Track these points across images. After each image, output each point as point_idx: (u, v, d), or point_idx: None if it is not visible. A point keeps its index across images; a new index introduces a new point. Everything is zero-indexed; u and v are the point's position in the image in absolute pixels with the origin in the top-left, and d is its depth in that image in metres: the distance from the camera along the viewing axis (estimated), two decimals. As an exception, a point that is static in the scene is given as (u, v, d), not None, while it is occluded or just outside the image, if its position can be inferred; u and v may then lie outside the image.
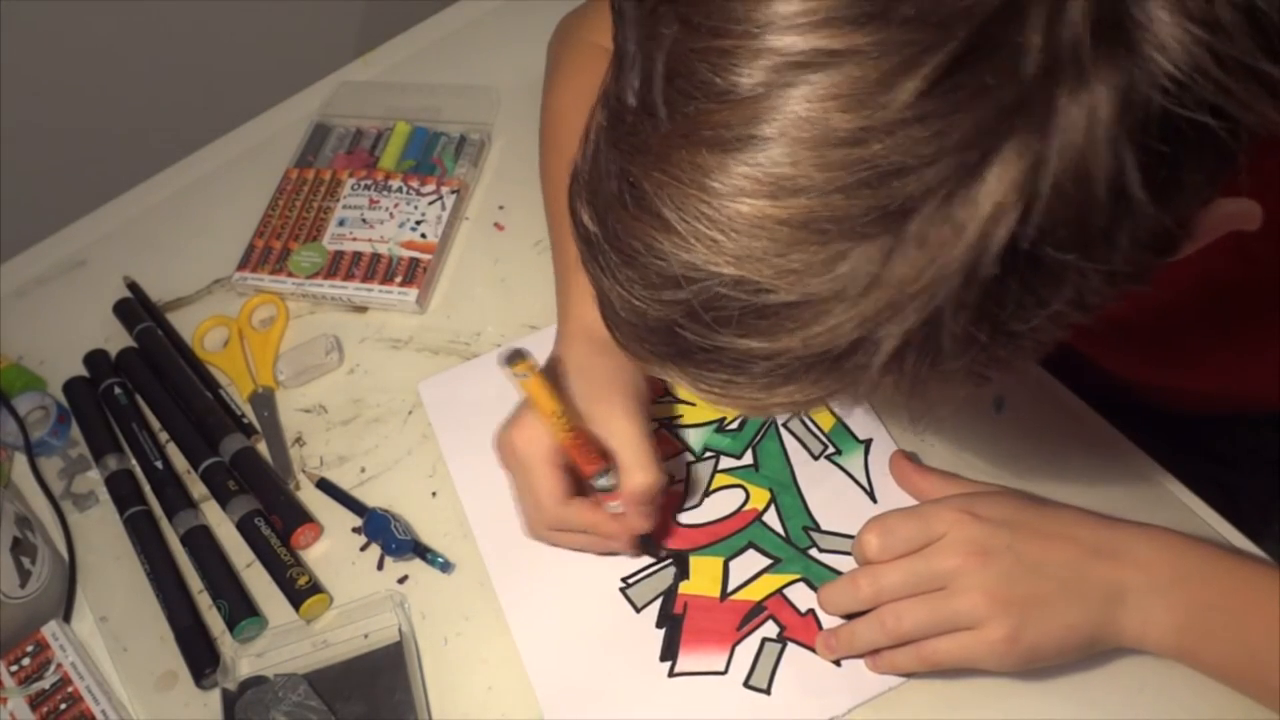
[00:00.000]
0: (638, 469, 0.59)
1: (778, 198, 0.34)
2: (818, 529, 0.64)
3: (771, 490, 0.66)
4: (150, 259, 0.85)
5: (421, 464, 0.71)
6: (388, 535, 0.66)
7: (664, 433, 0.69)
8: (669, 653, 0.61)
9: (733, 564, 0.63)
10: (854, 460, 0.66)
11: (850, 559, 0.62)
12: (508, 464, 0.62)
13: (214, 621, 0.66)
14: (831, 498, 0.65)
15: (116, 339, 0.80)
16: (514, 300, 0.77)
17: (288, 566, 0.66)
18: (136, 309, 0.81)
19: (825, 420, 0.68)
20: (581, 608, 0.63)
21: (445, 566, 0.66)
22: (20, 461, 0.76)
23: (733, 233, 0.35)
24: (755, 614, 0.62)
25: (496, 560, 0.65)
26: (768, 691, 0.59)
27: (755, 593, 0.62)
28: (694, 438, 0.68)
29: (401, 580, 0.66)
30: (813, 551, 0.63)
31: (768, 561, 0.63)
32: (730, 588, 0.63)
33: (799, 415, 0.66)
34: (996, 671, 0.55)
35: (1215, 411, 0.76)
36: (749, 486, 0.66)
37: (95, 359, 0.79)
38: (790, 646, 0.60)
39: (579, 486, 0.61)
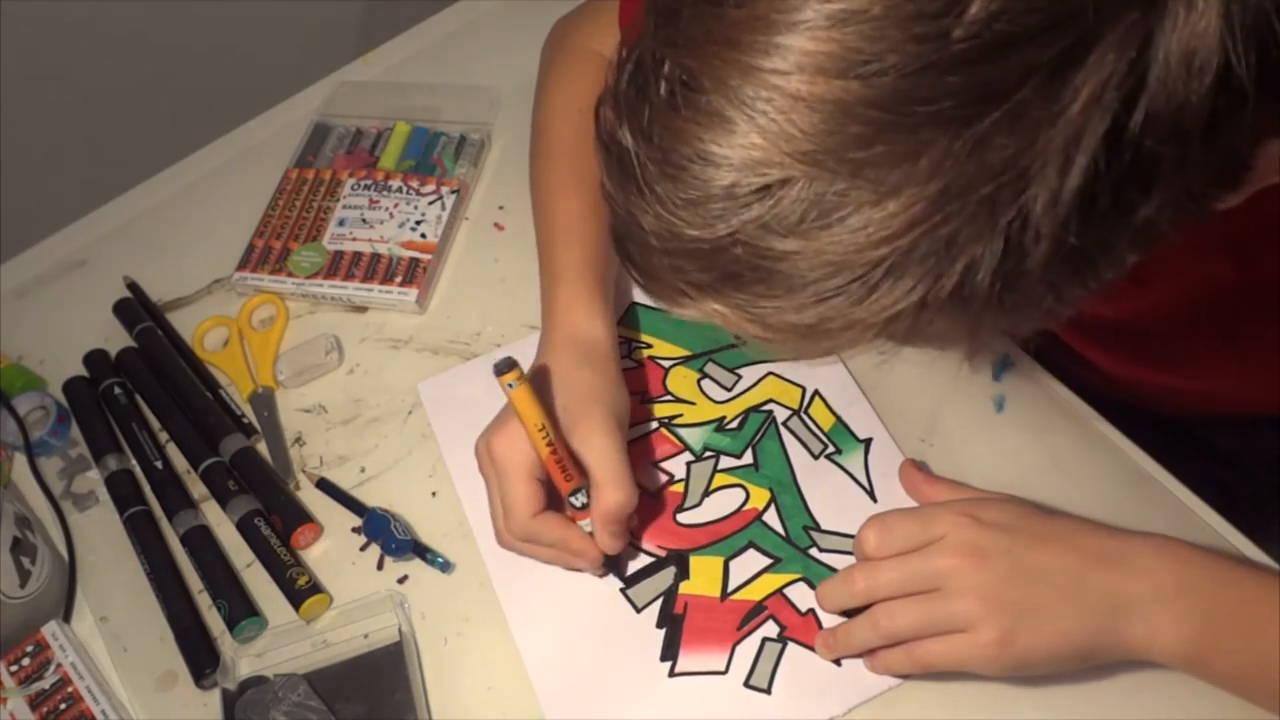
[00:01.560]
0: (610, 486, 0.59)
1: (862, 78, 0.31)
2: (818, 528, 0.64)
3: (771, 490, 0.65)
4: (150, 259, 0.85)
5: (421, 464, 0.71)
6: (387, 535, 0.66)
7: (664, 432, 0.69)
8: (669, 653, 0.61)
9: (733, 564, 0.63)
10: (854, 460, 0.66)
11: (850, 558, 0.62)
12: (484, 469, 0.62)
13: (214, 621, 0.66)
14: (831, 497, 0.65)
15: (116, 339, 0.80)
16: (514, 300, 0.77)
17: (288, 566, 0.66)
18: (136, 309, 0.81)
19: (825, 419, 0.67)
20: (582, 608, 0.63)
21: (445, 566, 0.66)
22: (20, 461, 0.76)
23: (804, 123, 0.32)
24: (755, 614, 0.62)
25: (496, 561, 0.65)
26: (768, 691, 0.59)
27: (755, 592, 0.62)
28: (694, 437, 0.68)
29: (401, 580, 0.66)
30: (813, 551, 0.63)
31: (768, 561, 0.63)
32: (730, 587, 0.63)
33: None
34: (988, 675, 0.55)
35: (1215, 413, 0.76)
36: (749, 486, 0.66)
37: (95, 359, 0.79)
38: (791, 646, 0.60)
39: (553, 501, 0.61)
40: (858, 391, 0.68)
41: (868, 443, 0.66)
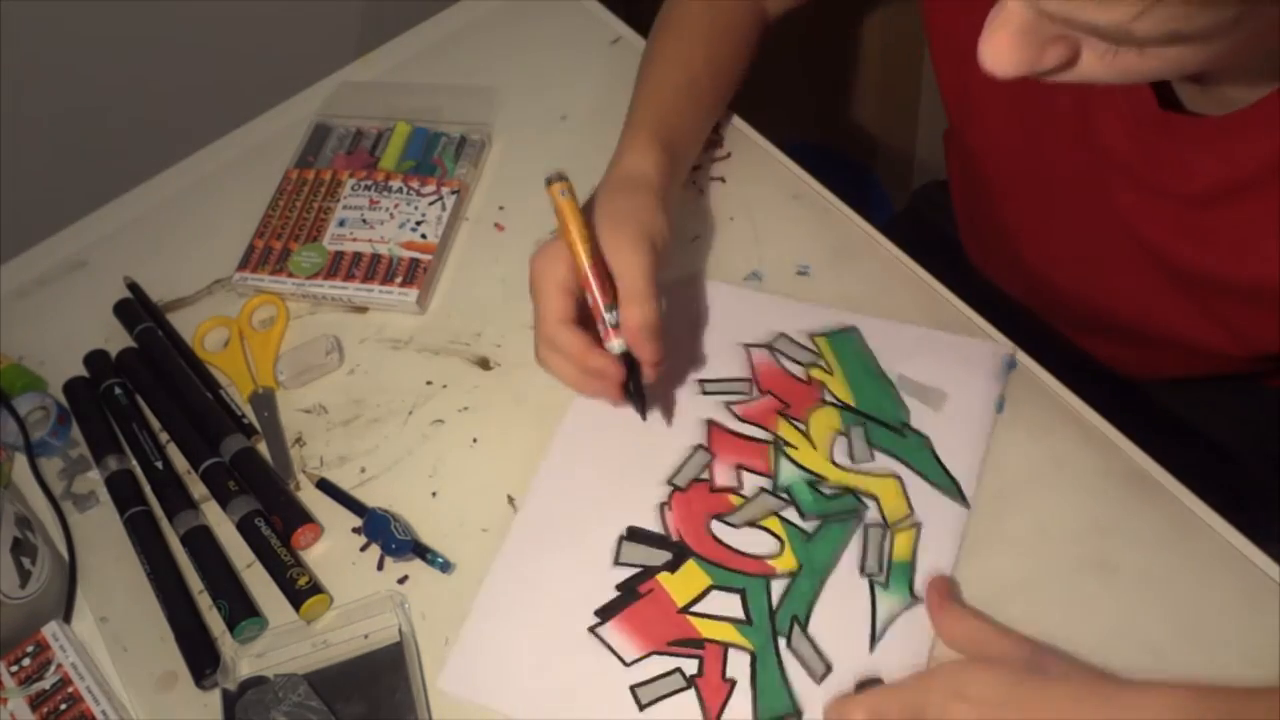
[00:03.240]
0: (634, 300, 0.62)
1: None
2: (804, 626, 0.60)
3: (800, 566, 0.62)
4: (150, 259, 0.85)
5: (421, 464, 0.71)
6: (387, 535, 0.66)
7: (767, 449, 0.67)
8: (605, 613, 0.62)
9: (714, 593, 0.62)
10: (888, 603, 0.60)
11: (804, 671, 0.59)
12: (530, 283, 0.65)
13: (214, 621, 0.66)
14: (840, 613, 0.60)
15: (116, 339, 0.80)
16: (514, 300, 0.77)
17: (288, 567, 0.66)
18: (136, 309, 0.81)
19: (903, 552, 0.62)
20: (574, 538, 0.65)
21: (445, 566, 0.66)
22: (20, 461, 0.76)
23: None
24: (691, 645, 0.61)
25: (555, 463, 0.68)
26: (641, 708, 0.59)
27: (708, 630, 0.61)
28: (787, 473, 0.66)
29: (401, 580, 0.66)
30: (781, 641, 0.60)
31: (740, 616, 0.61)
32: (694, 608, 0.62)
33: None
34: None
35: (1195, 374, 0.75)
36: (787, 547, 0.63)
37: (95, 359, 0.79)
38: (689, 694, 0.59)
39: (587, 328, 0.64)
40: (954, 557, 0.61)
41: (914, 601, 0.60)
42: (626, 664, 0.60)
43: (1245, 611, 0.58)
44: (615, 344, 0.63)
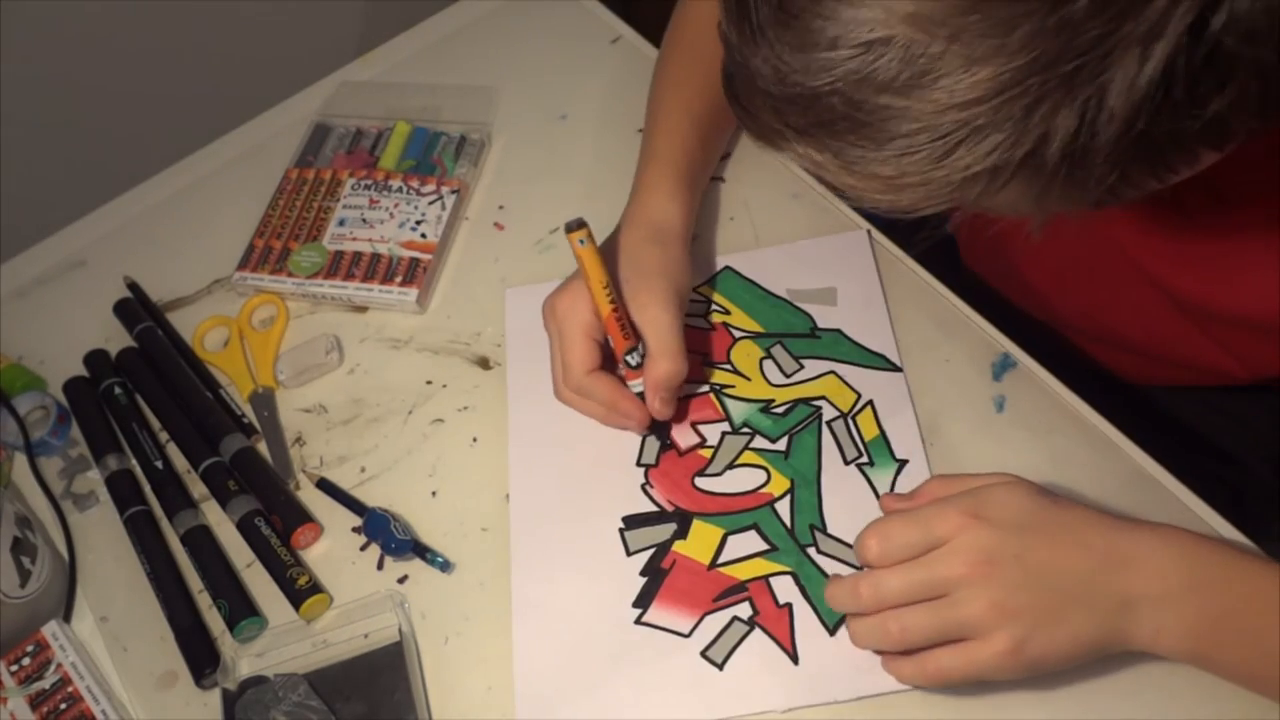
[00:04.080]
0: (664, 356, 0.62)
1: None
2: (823, 530, 0.63)
3: (793, 481, 0.65)
4: (150, 259, 0.85)
5: (421, 464, 0.71)
6: (387, 535, 0.66)
7: (711, 397, 0.69)
8: (642, 600, 0.62)
9: (731, 538, 0.64)
10: (883, 476, 0.65)
11: (847, 567, 0.62)
12: (548, 326, 0.66)
13: (214, 621, 0.66)
14: (847, 504, 0.64)
15: (116, 339, 0.80)
16: (514, 300, 0.77)
17: (288, 566, 0.66)
18: (136, 309, 0.81)
19: (869, 430, 0.66)
20: (576, 538, 0.65)
21: (445, 566, 0.66)
22: (20, 461, 0.76)
23: None
24: (735, 591, 0.62)
25: (521, 477, 0.68)
26: (720, 667, 0.60)
27: (742, 572, 0.62)
28: (738, 410, 0.69)
29: (401, 580, 0.66)
30: (811, 550, 0.63)
31: (765, 547, 0.63)
32: (721, 559, 0.63)
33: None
34: (998, 679, 0.54)
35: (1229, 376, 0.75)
36: (772, 471, 0.66)
37: (95, 359, 0.79)
38: (757, 633, 0.60)
39: (607, 363, 0.65)
40: (911, 414, 0.67)
41: (902, 464, 0.65)
42: (687, 635, 0.61)
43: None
44: (637, 385, 0.65)
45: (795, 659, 0.59)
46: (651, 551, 0.64)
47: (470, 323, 0.77)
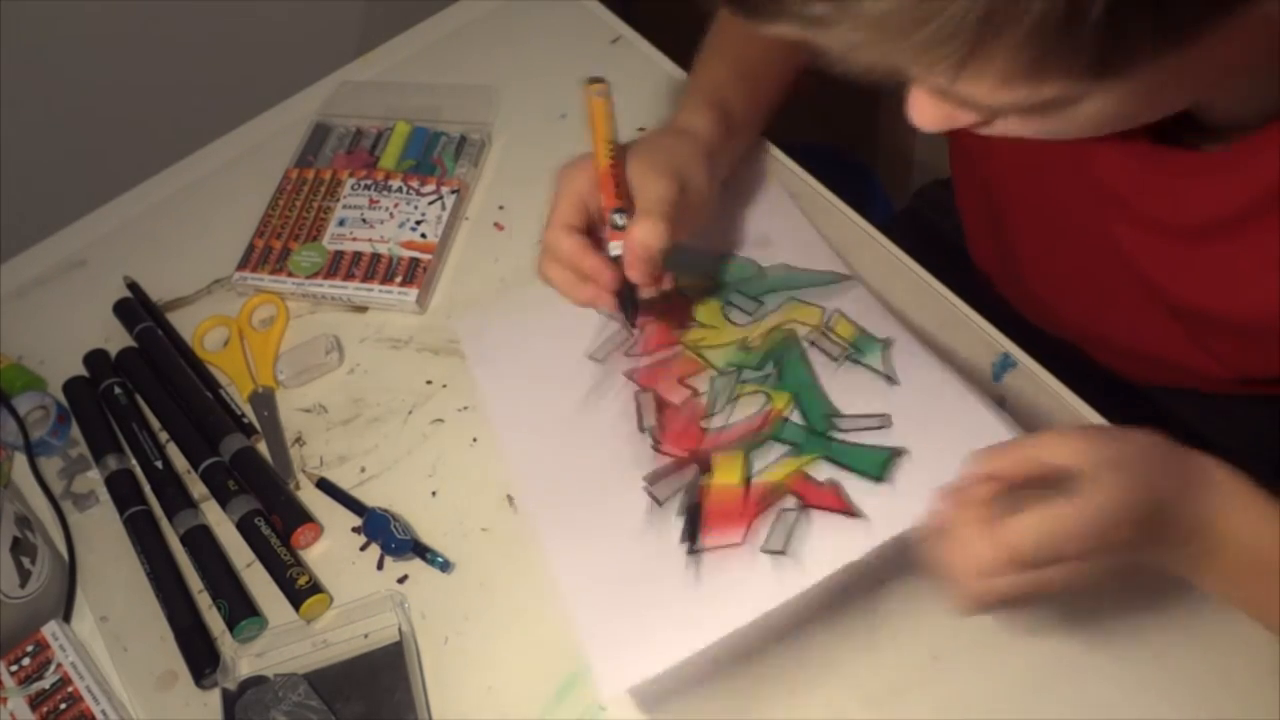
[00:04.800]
0: (649, 216, 0.62)
1: None
2: (839, 414, 0.64)
3: (793, 393, 0.66)
4: (150, 259, 0.85)
5: (421, 464, 0.71)
6: (387, 535, 0.66)
7: (688, 354, 0.70)
8: (689, 533, 0.61)
9: (754, 454, 0.64)
10: (875, 357, 0.66)
11: (872, 434, 0.62)
12: (555, 186, 0.66)
13: (214, 621, 0.66)
14: (851, 389, 0.65)
15: (116, 339, 0.80)
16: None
17: (288, 566, 0.66)
18: (136, 309, 0.81)
19: (847, 332, 0.68)
20: (606, 510, 0.64)
21: (445, 566, 0.66)
22: (20, 461, 0.76)
23: None
24: (775, 493, 0.62)
25: (526, 474, 0.67)
26: (784, 552, 0.59)
27: (776, 475, 0.62)
28: (717, 356, 0.69)
29: (401, 580, 0.66)
30: (833, 433, 0.63)
31: (788, 449, 0.64)
32: (752, 474, 0.63)
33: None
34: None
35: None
36: (771, 393, 0.66)
37: (95, 359, 0.79)
38: (810, 513, 0.60)
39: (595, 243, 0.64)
40: (882, 309, 0.68)
41: (887, 341, 0.67)
42: (740, 543, 0.60)
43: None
44: (615, 246, 0.64)
45: (856, 514, 0.59)
46: (681, 494, 0.64)
47: (470, 323, 0.77)
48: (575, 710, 0.60)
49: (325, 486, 0.70)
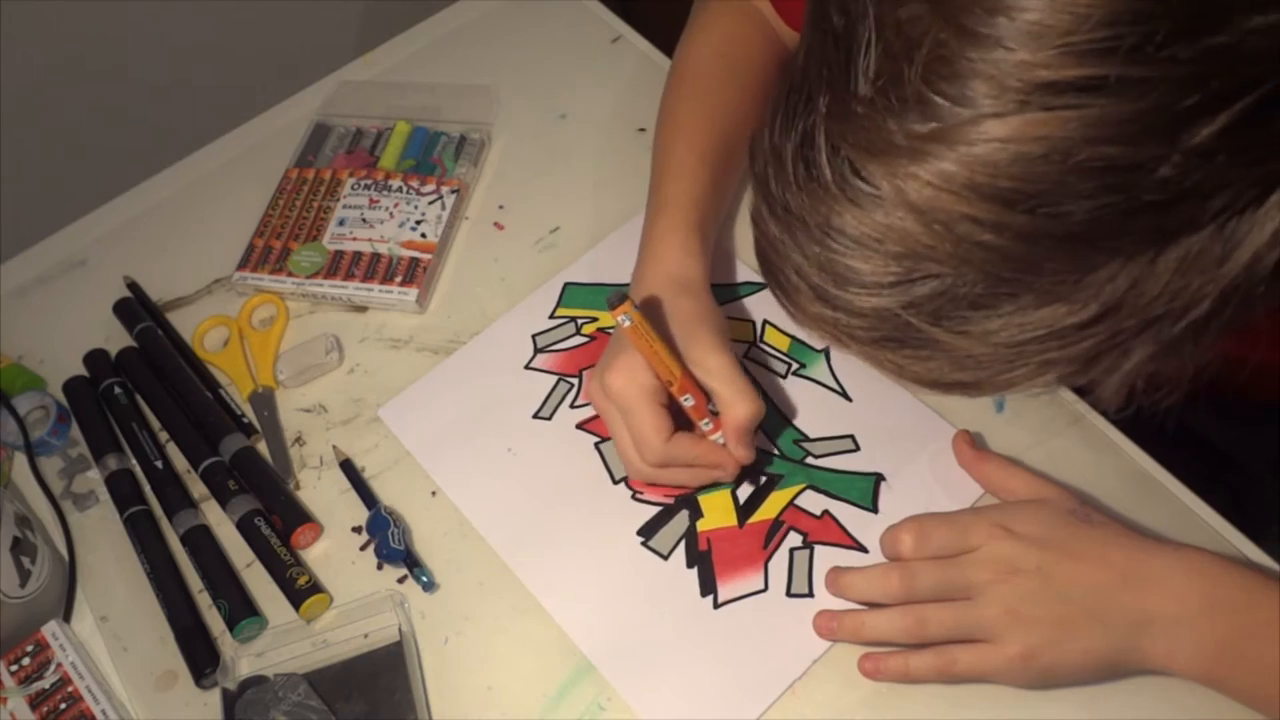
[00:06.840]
0: (739, 400, 0.60)
1: (1033, 212, 0.32)
2: (807, 439, 0.67)
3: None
4: (150, 259, 0.85)
5: (421, 464, 0.71)
6: (383, 540, 0.66)
7: None
8: (708, 587, 0.63)
9: (739, 492, 0.65)
10: (819, 368, 0.69)
11: (844, 458, 0.66)
12: (603, 408, 0.63)
13: (214, 621, 0.66)
14: (811, 408, 0.68)
15: (116, 339, 0.80)
16: (514, 300, 0.77)
17: (288, 566, 0.66)
18: (136, 309, 0.81)
19: (781, 342, 0.71)
20: (611, 572, 0.64)
21: (429, 586, 0.65)
22: (20, 461, 0.76)
23: (972, 232, 0.33)
24: (775, 529, 0.64)
25: (512, 551, 0.66)
26: (811, 594, 0.61)
27: (770, 511, 0.65)
28: None
29: (402, 580, 0.66)
30: (809, 460, 0.66)
31: (770, 480, 0.66)
32: (745, 513, 0.65)
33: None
34: (1010, 685, 0.55)
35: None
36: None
37: (95, 359, 0.79)
38: (817, 549, 0.63)
39: (678, 423, 0.62)
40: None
41: (825, 351, 0.70)
42: (765, 590, 0.62)
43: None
44: (719, 437, 0.63)
45: (862, 548, 0.63)
46: (684, 543, 0.64)
47: (470, 323, 0.77)
48: (575, 710, 0.60)
49: (348, 469, 0.71)
